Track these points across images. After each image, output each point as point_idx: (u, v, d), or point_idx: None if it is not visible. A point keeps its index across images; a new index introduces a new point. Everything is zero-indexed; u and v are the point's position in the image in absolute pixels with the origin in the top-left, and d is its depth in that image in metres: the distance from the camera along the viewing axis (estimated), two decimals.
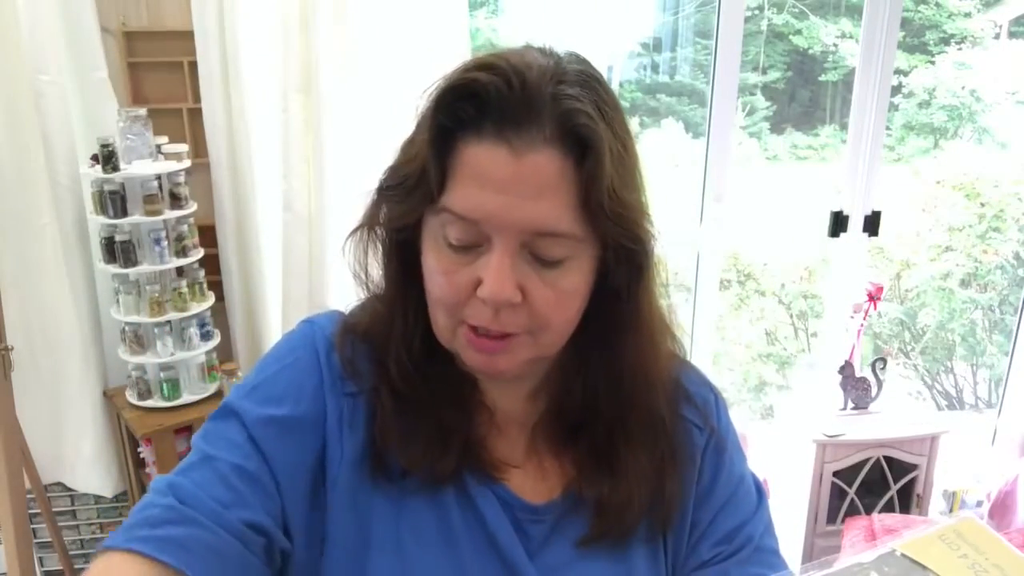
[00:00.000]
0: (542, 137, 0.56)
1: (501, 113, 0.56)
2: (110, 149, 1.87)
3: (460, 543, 0.65)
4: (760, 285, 3.91)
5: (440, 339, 0.64)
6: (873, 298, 2.34)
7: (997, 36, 4.30)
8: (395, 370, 0.66)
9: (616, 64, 3.72)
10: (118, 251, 1.94)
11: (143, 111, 1.95)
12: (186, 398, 2.08)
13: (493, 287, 0.57)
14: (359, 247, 0.66)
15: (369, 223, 0.65)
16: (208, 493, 0.57)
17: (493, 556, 0.66)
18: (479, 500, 0.66)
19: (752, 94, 4.21)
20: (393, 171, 0.63)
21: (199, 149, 2.12)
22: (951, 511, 2.58)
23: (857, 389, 2.29)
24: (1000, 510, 2.39)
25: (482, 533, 0.66)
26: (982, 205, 3.75)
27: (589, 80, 0.59)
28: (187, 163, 2.00)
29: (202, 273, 2.09)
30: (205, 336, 2.10)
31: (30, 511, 1.92)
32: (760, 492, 0.76)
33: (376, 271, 0.67)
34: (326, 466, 0.65)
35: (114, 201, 1.91)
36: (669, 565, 0.71)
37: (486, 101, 0.56)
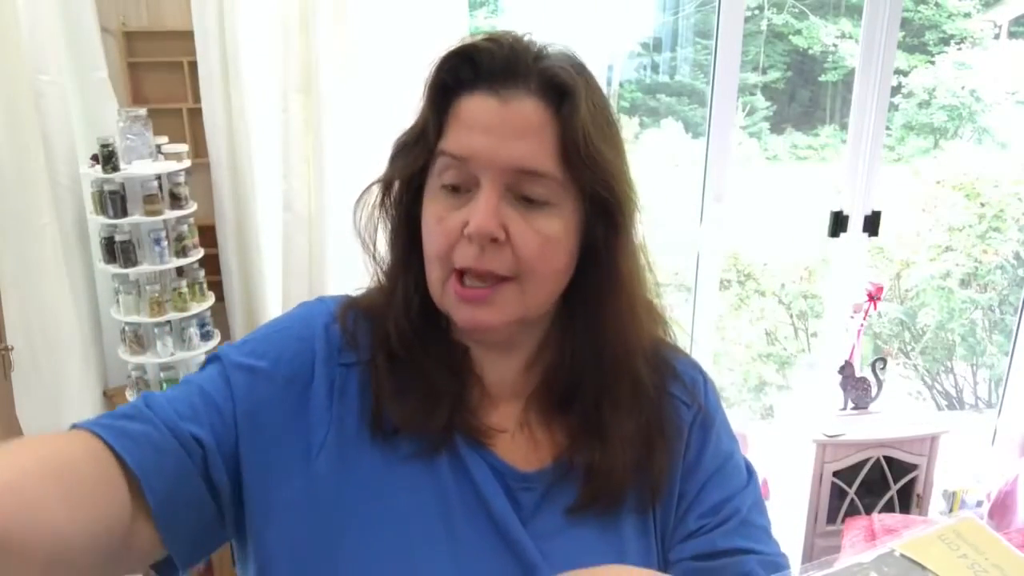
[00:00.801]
0: (527, 89, 0.64)
1: (492, 71, 0.64)
2: (110, 149, 1.87)
3: (453, 509, 0.67)
4: (760, 285, 3.91)
5: (434, 298, 0.68)
6: (873, 298, 2.34)
7: (997, 36, 4.30)
8: (393, 333, 0.69)
9: (616, 64, 3.72)
10: (118, 251, 1.95)
11: (143, 111, 1.95)
12: None
13: (478, 220, 0.62)
14: (370, 224, 0.72)
15: (383, 179, 0.71)
16: (172, 406, 0.64)
17: (487, 522, 0.67)
18: (472, 468, 0.68)
19: (752, 94, 4.21)
20: (403, 134, 0.70)
21: (199, 149, 2.12)
22: (951, 511, 2.58)
23: (857, 389, 2.29)
24: (1000, 510, 2.39)
25: (475, 500, 0.67)
26: (982, 205, 3.75)
27: (572, 56, 0.68)
28: (187, 163, 2.01)
29: (202, 273, 2.09)
30: (205, 336, 2.10)
31: None
32: (751, 472, 0.77)
33: (383, 247, 0.73)
34: (309, 434, 0.67)
35: (114, 201, 1.91)
36: (658, 536, 0.72)
37: (480, 62, 0.65)
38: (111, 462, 0.58)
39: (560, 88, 0.64)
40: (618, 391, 0.70)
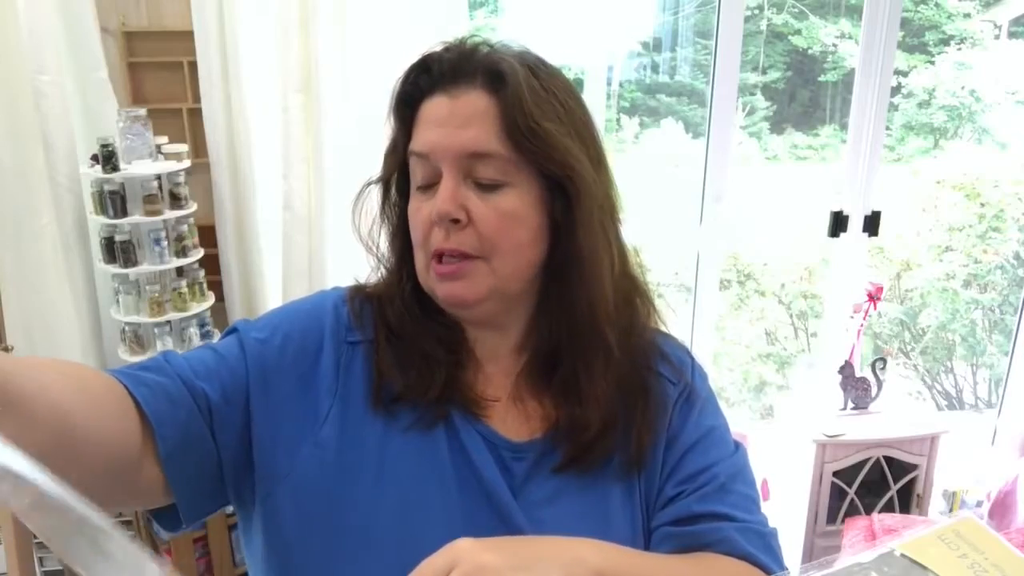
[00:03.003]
0: (473, 83, 0.70)
1: (444, 74, 0.71)
2: (110, 149, 1.87)
3: (448, 477, 0.71)
4: (760, 285, 3.91)
5: (422, 283, 0.75)
6: (873, 298, 2.34)
7: (997, 36, 4.30)
8: (392, 313, 0.76)
9: (616, 64, 3.73)
10: (118, 251, 1.94)
11: (143, 111, 1.95)
12: None
13: (437, 204, 0.69)
14: (374, 226, 0.79)
15: (373, 183, 0.79)
16: (189, 364, 0.69)
17: (478, 490, 0.71)
18: (466, 438, 0.72)
19: (752, 94, 4.21)
20: (390, 144, 0.78)
21: (199, 149, 2.12)
22: (951, 511, 2.58)
23: (857, 389, 2.29)
24: (1000, 510, 2.39)
25: (468, 469, 0.71)
26: (982, 205, 3.75)
27: (525, 51, 0.74)
28: (187, 163, 2.00)
29: (202, 273, 2.09)
30: (205, 336, 2.10)
31: None
32: (738, 446, 0.80)
33: (384, 244, 0.80)
34: (316, 404, 0.72)
35: (114, 201, 1.91)
36: (643, 506, 0.75)
37: (434, 69, 0.72)
38: (129, 403, 0.63)
39: (499, 75, 0.70)
40: (590, 356, 0.74)
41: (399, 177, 0.77)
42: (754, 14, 4.12)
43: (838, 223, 2.42)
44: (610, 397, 0.74)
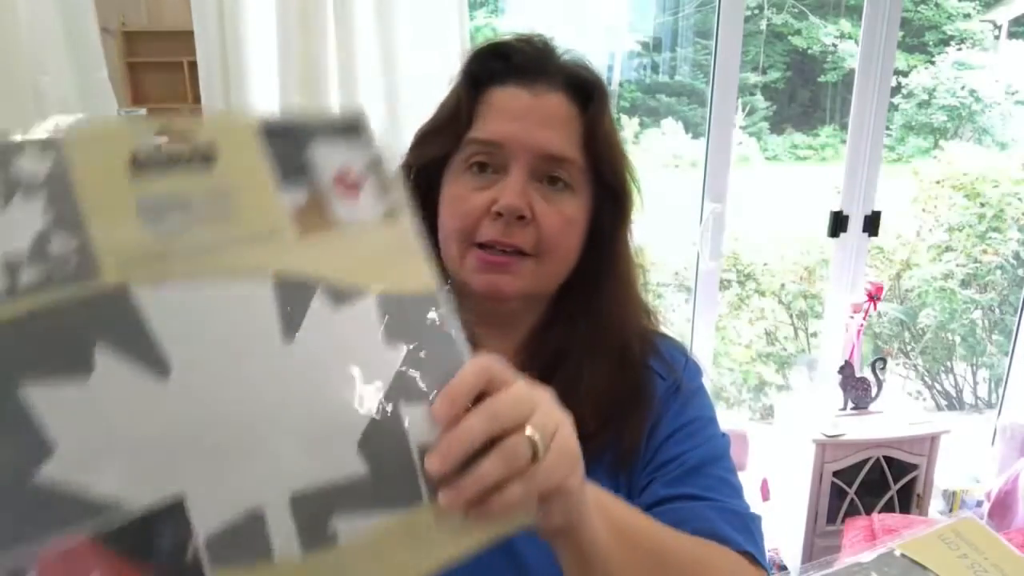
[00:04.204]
0: (555, 85, 0.72)
1: (524, 66, 0.72)
2: None
3: None
4: (760, 285, 3.91)
5: (450, 271, 0.74)
6: (873, 298, 2.34)
7: (997, 36, 4.30)
8: None
9: (616, 64, 3.72)
10: None
11: (143, 111, 1.95)
12: None
13: (509, 198, 0.69)
14: None
15: (404, 164, 0.77)
16: None
17: None
18: None
19: (752, 94, 4.21)
20: (428, 122, 0.77)
21: None
22: (951, 511, 2.58)
23: (857, 389, 2.29)
24: (1000, 510, 2.39)
25: None
26: (982, 205, 3.75)
27: (588, 61, 0.76)
28: None
29: None
30: None
31: None
32: (715, 436, 0.78)
33: None
34: None
35: None
36: (627, 500, 0.74)
37: (511, 57, 0.73)
38: None
39: (585, 86, 0.73)
40: (603, 358, 0.75)
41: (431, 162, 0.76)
42: (754, 14, 4.12)
43: (838, 223, 2.41)
44: (607, 396, 0.75)
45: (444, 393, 0.44)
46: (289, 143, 0.45)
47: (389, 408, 0.43)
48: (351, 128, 0.49)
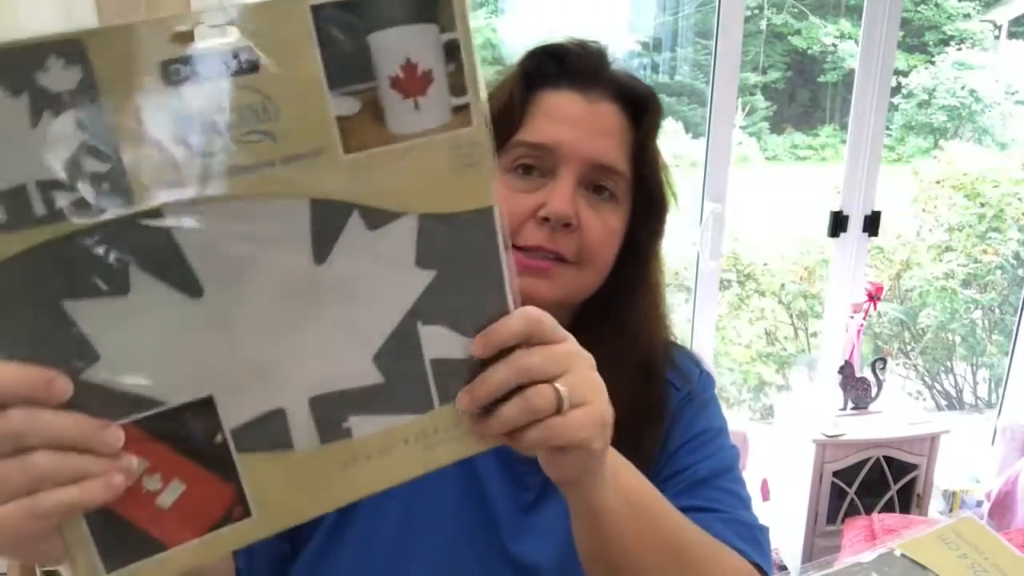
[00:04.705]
0: (608, 94, 0.71)
1: (578, 71, 0.71)
2: None
3: (449, 482, 0.69)
4: (760, 285, 3.91)
5: None
6: (873, 298, 2.34)
7: (997, 36, 4.31)
8: None
9: (616, 64, 3.72)
10: None
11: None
12: None
13: (559, 204, 0.67)
14: None
15: None
16: None
17: (476, 504, 0.70)
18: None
19: (752, 94, 4.22)
20: None
21: None
22: (951, 511, 2.58)
23: (857, 389, 2.29)
24: (1000, 510, 2.39)
25: (472, 477, 0.71)
26: (982, 205, 3.75)
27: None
28: None
29: None
30: None
31: None
32: (725, 448, 0.78)
33: None
34: None
35: None
36: None
37: (569, 62, 0.72)
38: None
39: (638, 99, 0.73)
40: (625, 371, 0.72)
41: None
42: (754, 14, 4.12)
43: (838, 223, 2.41)
44: (627, 408, 0.73)
45: (486, 333, 0.46)
46: (348, 32, 0.39)
47: (407, 327, 0.45)
48: (430, 2, 0.41)
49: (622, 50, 3.76)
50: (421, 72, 0.41)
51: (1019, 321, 2.75)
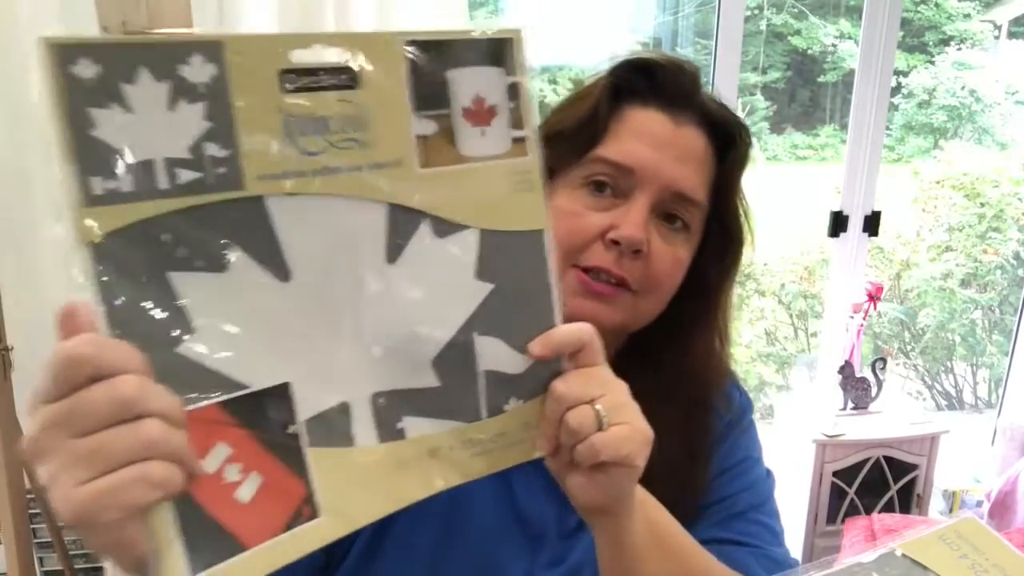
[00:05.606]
0: (696, 119, 0.68)
1: (670, 91, 0.68)
2: None
3: (486, 495, 0.67)
4: (760, 285, 3.91)
5: None
6: (873, 298, 2.34)
7: (997, 36, 4.31)
8: None
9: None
10: None
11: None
12: None
13: (631, 230, 0.64)
14: None
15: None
16: None
17: (515, 519, 0.68)
18: (513, 476, 0.68)
19: (752, 94, 4.21)
20: (552, 123, 0.71)
21: None
22: (951, 511, 2.58)
23: (857, 389, 2.29)
24: (1000, 510, 2.39)
25: (508, 493, 0.68)
26: (982, 205, 3.75)
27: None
28: None
29: None
30: None
31: (30, 511, 1.92)
32: (760, 479, 0.77)
33: None
34: None
35: None
36: None
37: (661, 80, 0.68)
38: None
39: (728, 130, 0.70)
40: (677, 408, 0.70)
41: None
42: (754, 14, 4.12)
43: (838, 223, 2.41)
44: (673, 448, 0.70)
45: (545, 336, 0.49)
46: (432, 66, 0.46)
47: (465, 336, 0.48)
48: (499, 51, 0.48)
49: (622, 50, 3.76)
50: (488, 106, 0.48)
51: (1019, 321, 2.75)
